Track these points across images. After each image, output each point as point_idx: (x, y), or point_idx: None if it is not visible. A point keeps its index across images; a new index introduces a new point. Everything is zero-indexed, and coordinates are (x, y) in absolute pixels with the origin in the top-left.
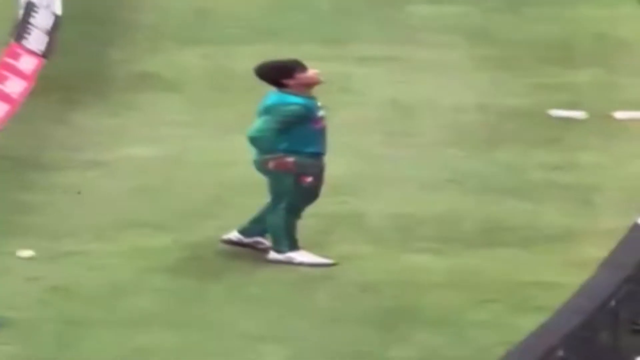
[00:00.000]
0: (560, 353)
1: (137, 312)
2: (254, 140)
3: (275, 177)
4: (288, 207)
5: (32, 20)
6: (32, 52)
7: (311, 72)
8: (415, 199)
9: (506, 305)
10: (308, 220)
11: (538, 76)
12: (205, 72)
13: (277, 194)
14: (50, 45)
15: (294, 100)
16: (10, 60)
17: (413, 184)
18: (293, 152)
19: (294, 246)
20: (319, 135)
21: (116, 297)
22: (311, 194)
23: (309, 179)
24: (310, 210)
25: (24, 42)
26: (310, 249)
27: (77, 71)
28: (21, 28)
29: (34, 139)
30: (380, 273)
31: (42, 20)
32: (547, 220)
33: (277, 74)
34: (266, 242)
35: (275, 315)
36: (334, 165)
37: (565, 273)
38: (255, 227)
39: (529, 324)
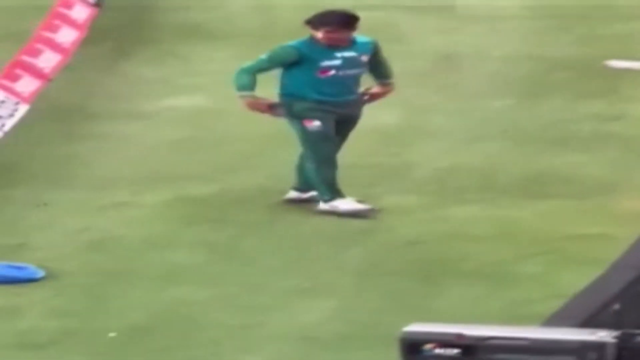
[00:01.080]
0: (616, 307)
1: (175, 265)
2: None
3: (290, 122)
4: (311, 155)
5: None
6: (84, 2)
7: (339, 35)
8: (463, 151)
9: (551, 258)
10: (355, 171)
11: (592, 27)
12: (253, 22)
13: (300, 141)
14: None
15: (292, 44)
16: (63, 10)
17: (461, 135)
18: (293, 96)
19: (335, 194)
20: (327, 83)
21: (156, 249)
22: (323, 138)
23: (315, 123)
24: (357, 161)
25: None
26: (357, 199)
27: (127, 21)
28: None
29: (82, 89)
30: (425, 225)
31: None
32: (595, 172)
33: (308, 21)
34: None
35: (318, 268)
36: (382, 116)
37: (612, 225)
38: (302, 179)
39: (573, 277)
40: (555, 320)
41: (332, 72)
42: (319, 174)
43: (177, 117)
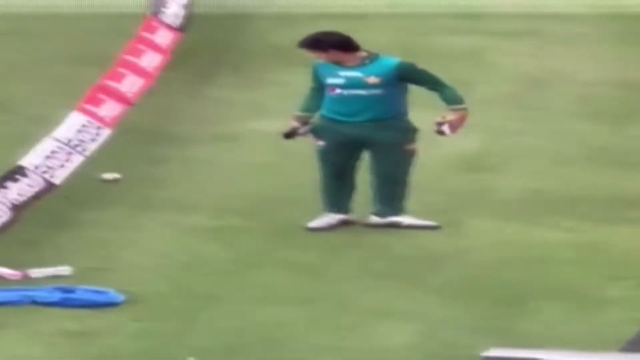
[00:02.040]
0: None
1: (263, 287)
2: None
3: None
4: (318, 169)
5: None
6: (168, 26)
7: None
8: (548, 174)
9: (636, 282)
10: (439, 194)
11: None
12: None
13: None
14: (186, 19)
15: (314, 61)
16: (147, 34)
17: (545, 158)
18: (319, 116)
19: (329, 208)
20: (336, 101)
21: (242, 272)
22: (325, 158)
23: (320, 142)
24: (441, 185)
25: (161, 16)
26: (442, 224)
27: (212, 44)
28: (158, 1)
29: (166, 113)
30: (509, 248)
31: None
32: None
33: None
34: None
35: (403, 290)
36: (467, 139)
37: None
38: (378, 204)
39: None
40: (634, 345)
41: (338, 90)
42: (321, 184)
43: (261, 140)
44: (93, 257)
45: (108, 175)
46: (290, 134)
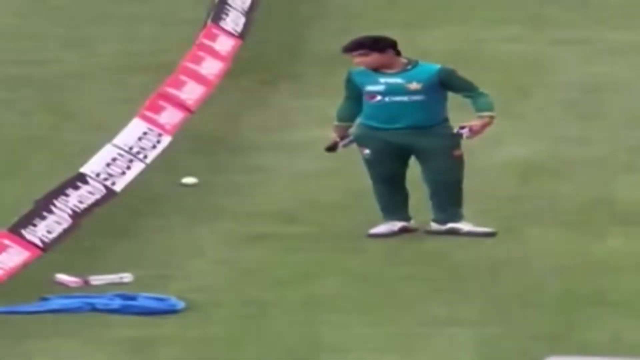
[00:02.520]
0: None
1: (324, 294)
2: None
3: None
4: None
5: (229, 0)
6: (229, 33)
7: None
8: (608, 182)
9: None
10: (499, 202)
11: None
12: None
13: None
14: (247, 26)
15: (350, 69)
16: (207, 41)
17: (605, 166)
18: (360, 124)
19: (387, 215)
20: (376, 109)
21: (301, 279)
22: (373, 166)
23: (366, 151)
24: (501, 193)
25: (221, 23)
26: (502, 232)
27: (272, 52)
28: (218, 8)
29: (227, 120)
30: (570, 256)
31: (239, 1)
32: None
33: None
34: (460, 225)
35: (463, 298)
36: (526, 146)
37: None
38: (437, 211)
39: None
40: None
41: (378, 97)
42: (375, 193)
43: (323, 147)
44: (154, 265)
45: (187, 180)
46: (332, 148)
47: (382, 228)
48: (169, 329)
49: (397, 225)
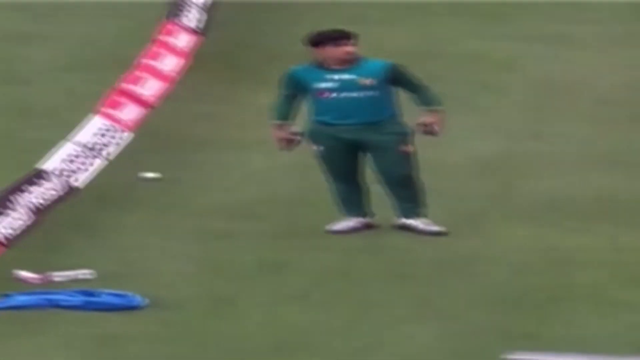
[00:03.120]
0: None
1: (287, 290)
2: None
3: None
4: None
5: None
6: (188, 30)
7: (342, 50)
8: (571, 178)
9: None
10: (463, 200)
11: None
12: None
13: None
14: (207, 22)
15: (291, 67)
16: (167, 38)
17: (568, 162)
18: (311, 121)
19: (347, 211)
20: (329, 105)
21: (264, 275)
22: (326, 163)
23: (318, 148)
24: (465, 190)
25: (181, 19)
26: (464, 229)
27: (234, 48)
28: (178, 5)
29: (189, 117)
30: (532, 252)
31: None
32: None
33: (309, 43)
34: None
35: (427, 295)
36: (489, 143)
37: None
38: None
39: None
40: None
41: (332, 94)
42: (332, 190)
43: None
44: (116, 261)
45: (149, 175)
46: (288, 146)
47: (341, 225)
48: (132, 326)
49: (356, 221)
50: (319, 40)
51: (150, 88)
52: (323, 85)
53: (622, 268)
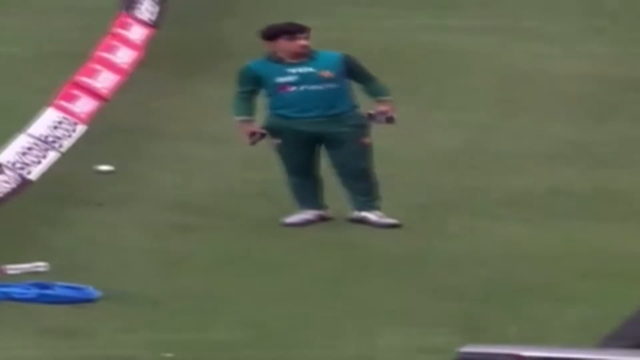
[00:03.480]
0: None
1: (243, 285)
2: None
3: None
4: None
5: None
6: (142, 22)
7: (297, 43)
8: (527, 172)
9: (612, 278)
10: (418, 192)
11: None
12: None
13: None
14: (161, 15)
15: (247, 63)
16: (121, 30)
17: (525, 156)
18: (270, 115)
19: (302, 205)
20: (289, 99)
21: (220, 269)
22: (284, 156)
23: (277, 141)
24: (419, 182)
25: (135, 12)
26: (421, 222)
27: (188, 41)
28: None
29: (144, 109)
30: (490, 246)
31: None
32: None
33: (263, 36)
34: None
35: (383, 289)
36: (450, 137)
37: None
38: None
39: (629, 296)
40: (610, 340)
41: (292, 88)
42: (288, 184)
43: (239, 136)
44: (70, 254)
45: (103, 167)
46: (256, 140)
47: (296, 217)
48: (86, 319)
49: (311, 214)
50: (274, 33)
51: (104, 80)
52: (283, 79)
53: (577, 261)
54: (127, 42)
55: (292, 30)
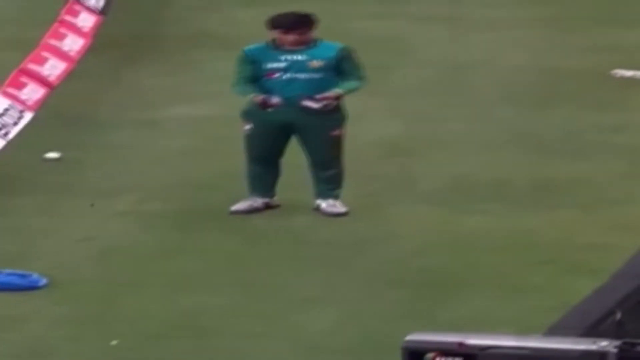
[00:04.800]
0: (617, 316)
1: (186, 273)
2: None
3: None
4: (244, 154)
5: None
6: (90, 10)
7: (288, 38)
8: (471, 160)
9: (560, 267)
10: (363, 180)
11: (593, 36)
12: (260, 30)
13: None
14: (108, 3)
15: (245, 48)
16: (69, 18)
17: (469, 144)
18: (249, 100)
19: (253, 192)
20: (272, 85)
21: (164, 257)
22: (252, 142)
23: (248, 126)
24: (364, 171)
25: (83, 0)
26: (365, 210)
27: (134, 29)
28: None
29: (89, 97)
30: (434, 235)
31: None
32: (602, 181)
33: (267, 25)
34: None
35: (325, 276)
36: (391, 126)
37: (620, 235)
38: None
39: (583, 286)
40: (556, 329)
41: (277, 74)
42: (248, 171)
43: (185, 126)
44: (14, 242)
45: (50, 155)
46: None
47: (243, 205)
48: (30, 306)
49: (258, 201)
50: (270, 25)
51: (52, 68)
52: (271, 65)
53: (522, 250)
54: (76, 30)
55: (289, 26)
